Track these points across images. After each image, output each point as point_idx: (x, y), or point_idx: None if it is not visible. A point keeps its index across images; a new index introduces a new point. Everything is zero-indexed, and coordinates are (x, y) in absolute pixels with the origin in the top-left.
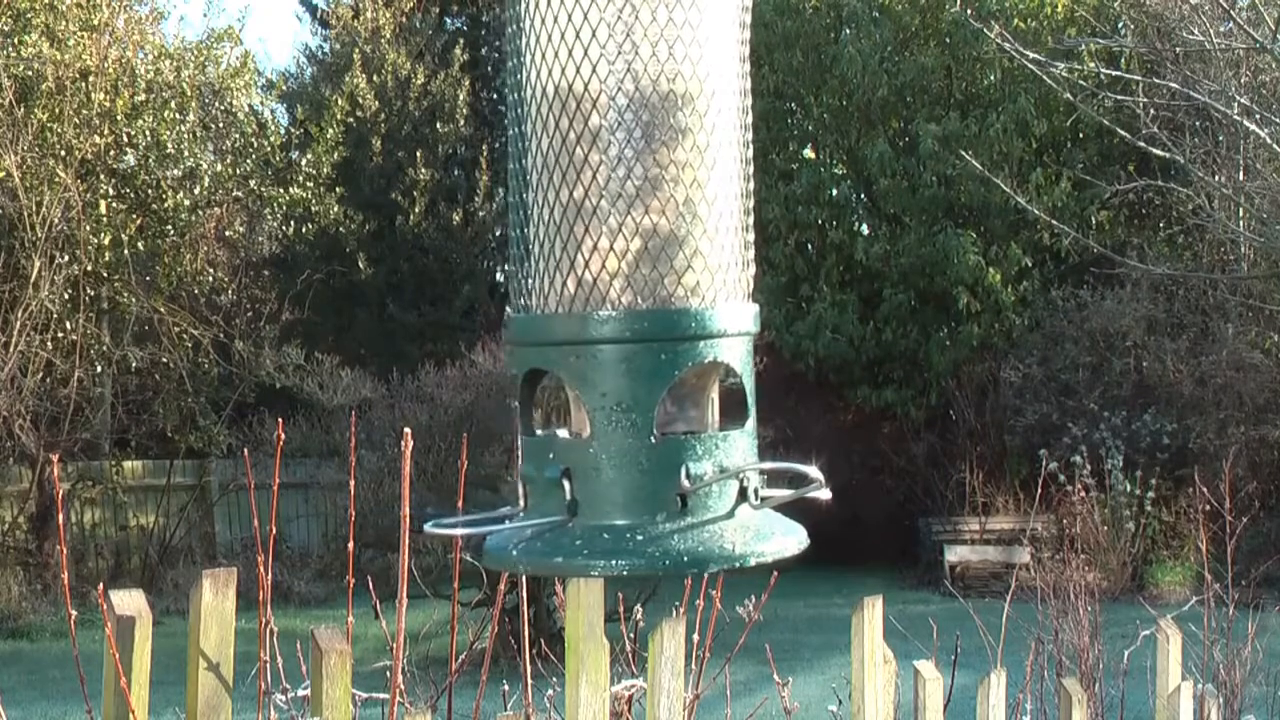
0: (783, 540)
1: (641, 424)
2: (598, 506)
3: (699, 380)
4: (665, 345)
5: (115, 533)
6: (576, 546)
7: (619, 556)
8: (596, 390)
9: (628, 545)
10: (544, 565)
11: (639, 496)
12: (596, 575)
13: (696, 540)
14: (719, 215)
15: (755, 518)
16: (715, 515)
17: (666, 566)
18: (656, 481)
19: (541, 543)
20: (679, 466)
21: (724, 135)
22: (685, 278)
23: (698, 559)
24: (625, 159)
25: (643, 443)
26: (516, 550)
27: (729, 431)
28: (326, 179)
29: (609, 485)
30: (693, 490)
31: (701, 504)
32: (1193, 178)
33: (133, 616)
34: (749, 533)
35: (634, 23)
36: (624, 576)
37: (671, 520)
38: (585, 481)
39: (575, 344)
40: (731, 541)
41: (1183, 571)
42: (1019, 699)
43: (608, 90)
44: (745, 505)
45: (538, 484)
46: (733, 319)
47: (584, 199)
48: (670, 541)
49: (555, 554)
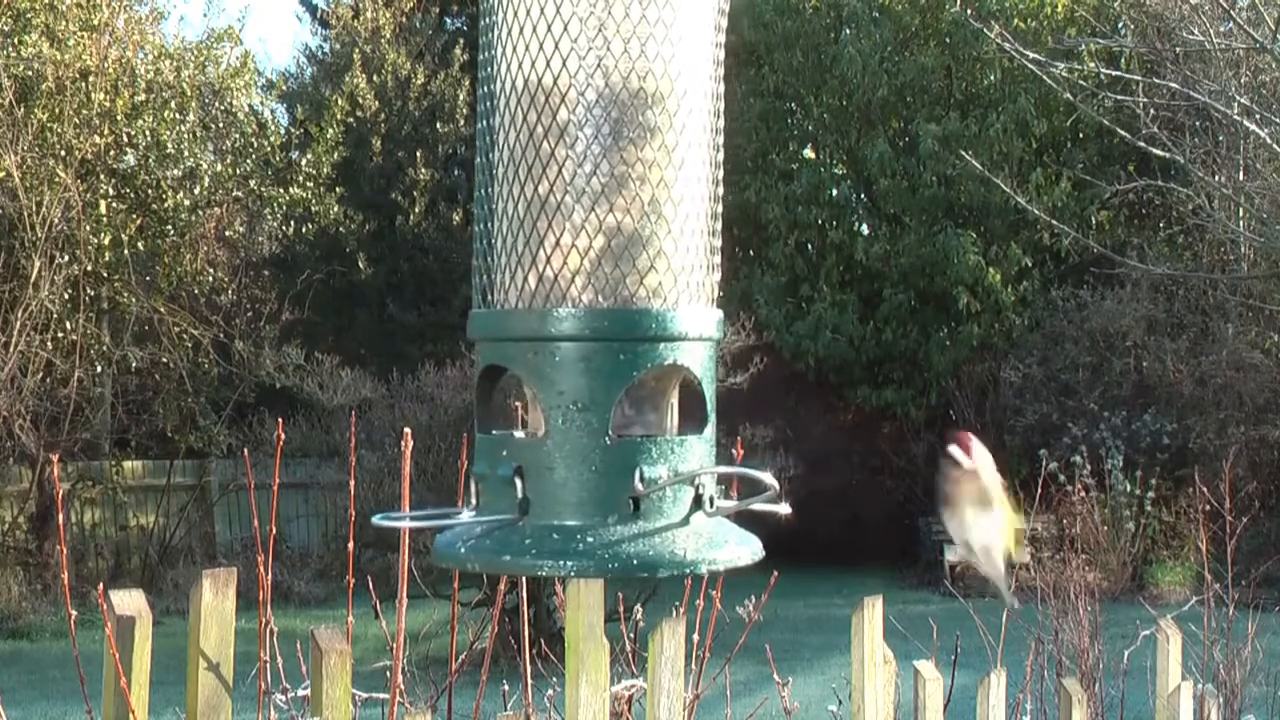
0: (736, 549)
1: (597, 424)
2: (549, 506)
3: (658, 383)
4: (625, 345)
5: (115, 533)
6: (525, 545)
7: (568, 557)
8: (554, 388)
9: (577, 546)
10: (492, 563)
11: (591, 497)
12: (544, 575)
13: (648, 544)
14: (685, 217)
15: (709, 525)
16: (669, 521)
17: (615, 569)
18: (610, 483)
19: (490, 540)
20: (633, 469)
21: (693, 136)
22: (648, 278)
23: (648, 563)
24: (592, 155)
25: (597, 443)
26: (464, 547)
27: (686, 436)
28: (326, 179)
29: (561, 485)
30: (646, 494)
31: (655, 508)
32: (1193, 178)
33: (133, 616)
34: (701, 539)
35: (606, 18)
36: (574, 577)
37: (623, 523)
38: (538, 480)
39: (534, 340)
40: (683, 547)
41: (1183, 571)
42: (1019, 699)
43: (577, 85)
44: (700, 512)
45: (490, 481)
46: (695, 323)
47: (549, 194)
48: (621, 545)
49: (504, 552)
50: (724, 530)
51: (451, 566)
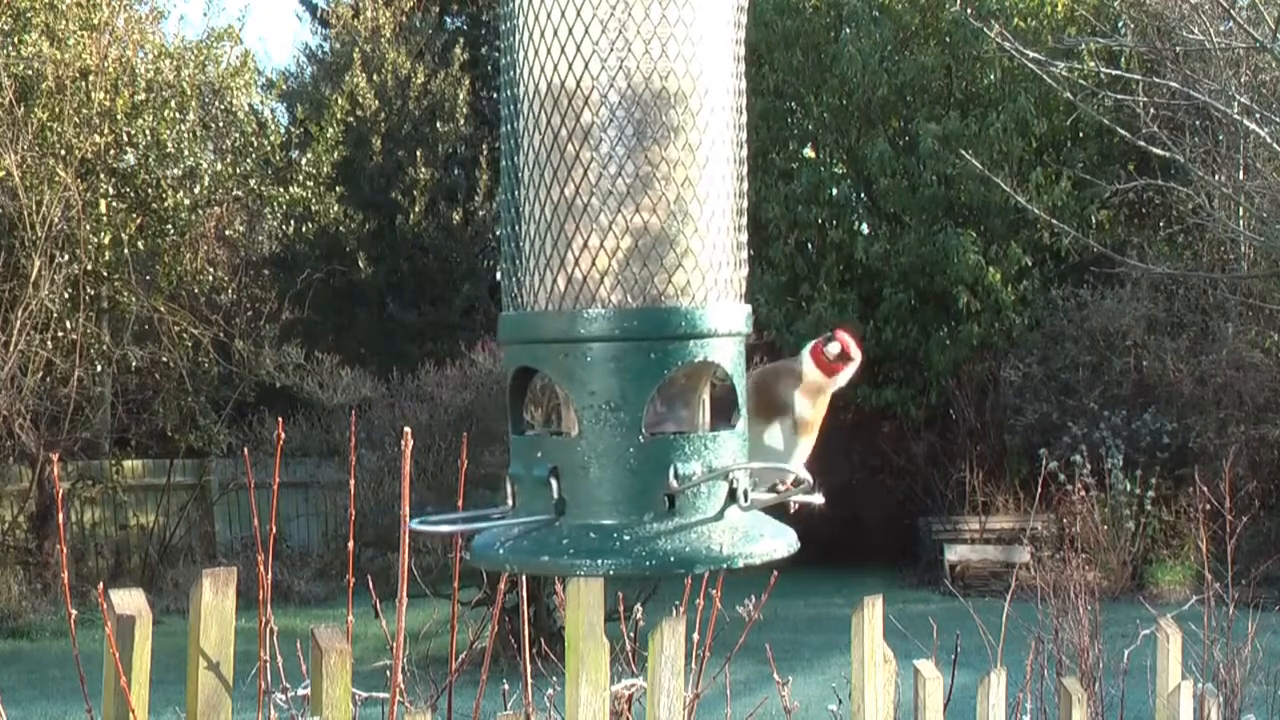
0: (771, 542)
1: (630, 423)
2: (585, 506)
3: (689, 380)
4: (655, 344)
5: (115, 532)
6: (563, 545)
7: (605, 556)
8: (585, 389)
9: (614, 545)
10: (530, 564)
11: (626, 496)
12: (583, 575)
13: (684, 541)
14: (711, 215)
15: (744, 519)
16: (703, 516)
17: (653, 567)
18: (644, 481)
19: (528, 541)
20: (667, 466)
21: (717, 134)
22: (676, 277)
23: (684, 560)
24: (617, 156)
25: (631, 442)
26: (503, 549)
27: (719, 432)
28: (326, 178)
29: (596, 484)
30: (681, 490)
31: (690, 504)
32: (1193, 177)
33: (133, 616)
34: (737, 534)
35: (627, 20)
36: (614, 576)
37: (659, 520)
38: (573, 480)
39: (564, 342)
40: (719, 543)
41: (1183, 571)
42: (1019, 698)
43: (600, 87)
44: (734, 507)
45: (525, 483)
46: (724, 319)
47: (575, 196)
48: (657, 542)
49: (542, 553)
50: (759, 524)
51: (491, 568)
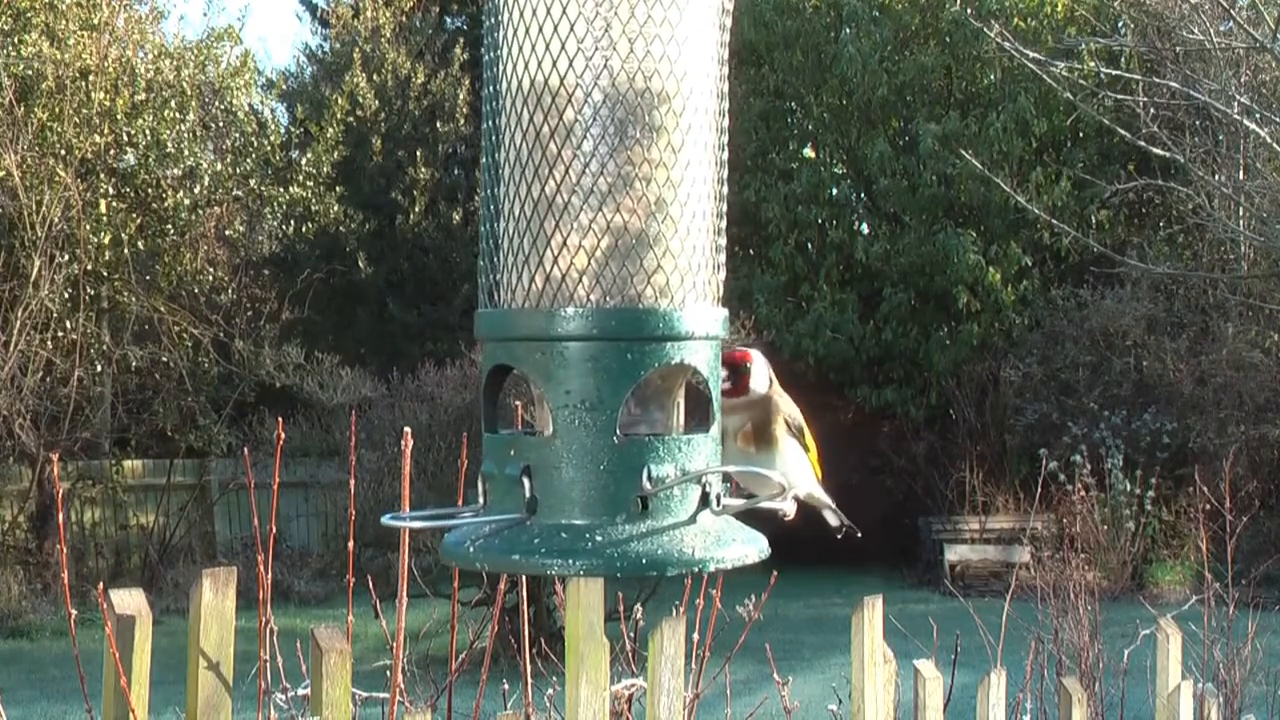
0: (743, 548)
1: (605, 423)
2: (557, 505)
3: (664, 382)
4: (632, 345)
5: (115, 532)
6: (534, 545)
7: (576, 556)
8: (561, 387)
9: (586, 545)
10: (500, 562)
11: (599, 497)
12: (553, 574)
13: (656, 543)
14: (691, 216)
15: (716, 523)
16: (676, 519)
17: (624, 568)
18: (617, 482)
19: (499, 540)
20: (641, 468)
21: (699, 136)
22: (655, 278)
23: (656, 562)
24: (598, 155)
25: (605, 442)
26: (473, 547)
27: (693, 435)
28: (326, 178)
29: (569, 484)
30: (654, 492)
31: (662, 507)
32: (1193, 177)
33: (133, 616)
34: (709, 538)
35: (612, 18)
36: (587, 574)
37: (631, 522)
38: (545, 480)
39: (541, 340)
40: (691, 546)
41: (1183, 571)
42: (1019, 698)
43: (583, 85)
44: (707, 511)
45: (498, 481)
46: (701, 322)
47: (555, 195)
48: (629, 543)
49: (512, 551)
50: (731, 529)
51: (460, 566)
